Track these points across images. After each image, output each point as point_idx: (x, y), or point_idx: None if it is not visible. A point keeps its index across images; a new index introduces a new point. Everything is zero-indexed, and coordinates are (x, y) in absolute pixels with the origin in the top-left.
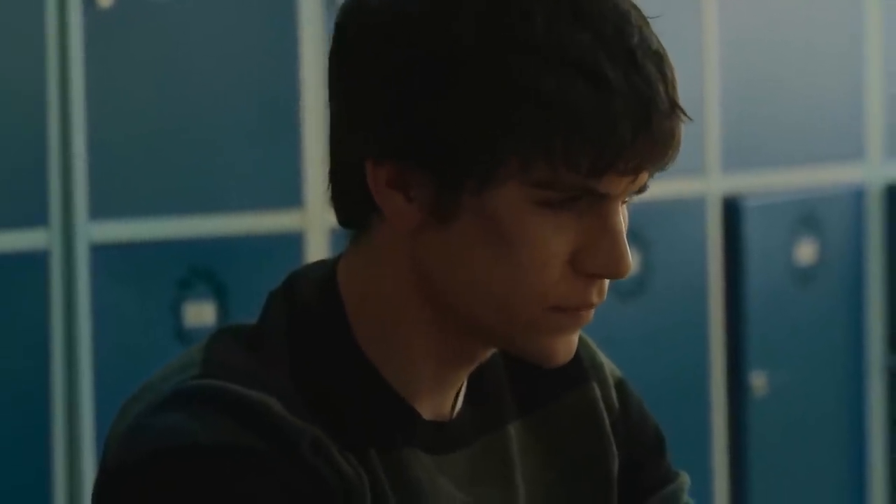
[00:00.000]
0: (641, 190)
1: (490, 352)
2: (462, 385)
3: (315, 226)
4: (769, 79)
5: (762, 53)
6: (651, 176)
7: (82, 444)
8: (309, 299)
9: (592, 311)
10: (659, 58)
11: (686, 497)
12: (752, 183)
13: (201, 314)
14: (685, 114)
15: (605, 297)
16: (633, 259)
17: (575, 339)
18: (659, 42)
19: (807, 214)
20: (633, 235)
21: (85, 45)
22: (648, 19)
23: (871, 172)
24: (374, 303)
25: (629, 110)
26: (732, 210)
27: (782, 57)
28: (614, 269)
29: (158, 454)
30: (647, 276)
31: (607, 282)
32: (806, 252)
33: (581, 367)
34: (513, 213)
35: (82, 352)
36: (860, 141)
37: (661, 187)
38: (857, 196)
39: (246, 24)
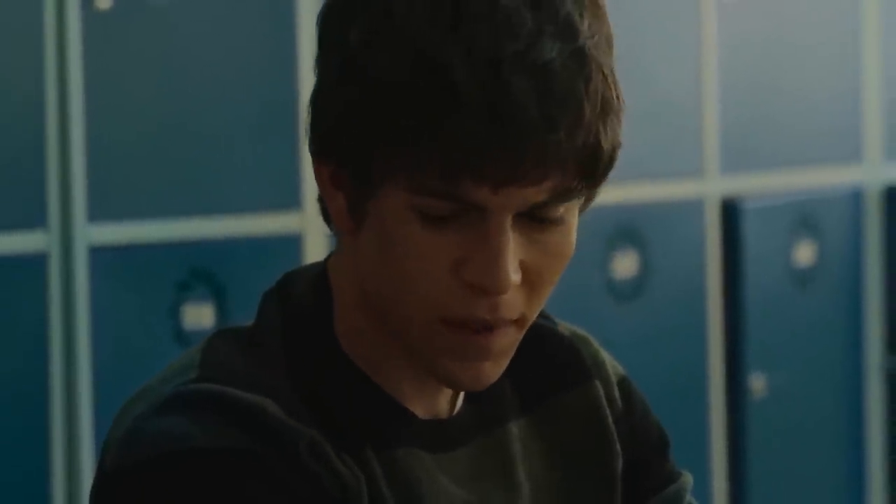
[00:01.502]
0: (545, 205)
1: None
2: None
3: (314, 228)
4: (767, 80)
5: (760, 55)
6: (565, 196)
7: (81, 445)
8: (302, 298)
9: (497, 338)
10: (543, 71)
11: (689, 497)
12: (750, 185)
13: (200, 316)
14: (569, 132)
15: (502, 313)
16: (630, 260)
17: (488, 367)
18: (569, 56)
19: (805, 216)
20: (631, 237)
21: (83, 46)
22: (577, 33)
23: (869, 174)
24: (346, 304)
25: (476, 120)
26: (731, 212)
27: (781, 59)
28: (488, 280)
29: (156, 458)
30: (645, 278)
31: (503, 298)
32: (804, 254)
33: (583, 366)
34: (395, 219)
35: (81, 354)
36: (858, 142)
37: (659, 189)
38: (856, 198)
39: (244, 26)
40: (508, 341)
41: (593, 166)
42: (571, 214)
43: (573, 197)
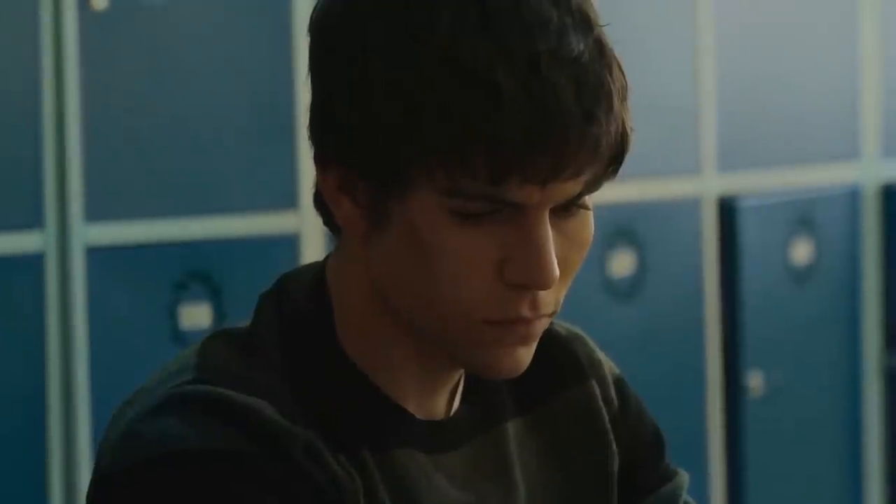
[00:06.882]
0: (580, 196)
1: None
2: (459, 383)
3: (311, 228)
4: (765, 78)
5: (758, 53)
6: (596, 184)
7: (78, 446)
8: (299, 301)
9: (536, 325)
10: (576, 65)
11: (685, 495)
12: (747, 183)
13: (197, 316)
14: (605, 122)
15: (542, 310)
16: (627, 259)
17: (523, 352)
18: (592, 47)
19: (802, 214)
20: (629, 235)
21: (79, 47)
22: (592, 24)
23: (866, 172)
24: (349, 306)
25: (523, 119)
26: (728, 210)
27: (778, 56)
28: (535, 279)
29: (152, 460)
30: (642, 276)
31: (542, 294)
32: (802, 252)
33: (580, 365)
34: (429, 222)
35: (78, 354)
36: (856, 141)
37: (656, 187)
38: (853, 196)
39: (240, 26)
40: (542, 328)
41: (622, 153)
42: (591, 201)
43: (602, 185)
